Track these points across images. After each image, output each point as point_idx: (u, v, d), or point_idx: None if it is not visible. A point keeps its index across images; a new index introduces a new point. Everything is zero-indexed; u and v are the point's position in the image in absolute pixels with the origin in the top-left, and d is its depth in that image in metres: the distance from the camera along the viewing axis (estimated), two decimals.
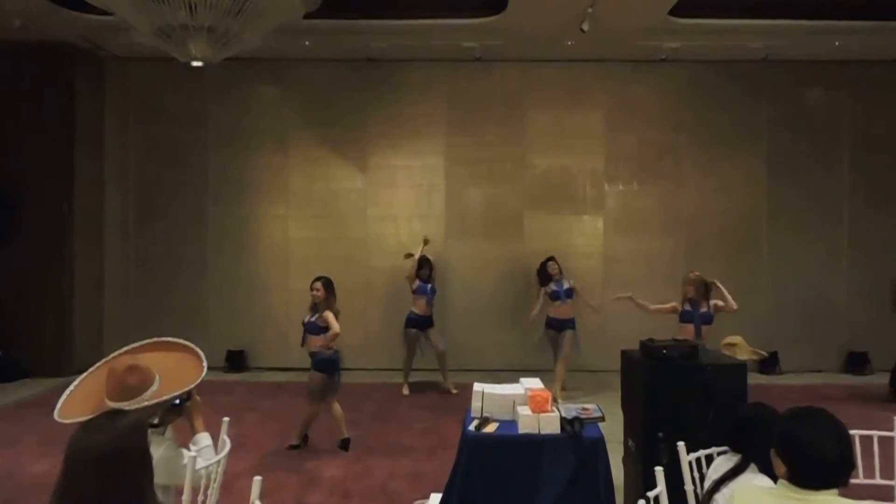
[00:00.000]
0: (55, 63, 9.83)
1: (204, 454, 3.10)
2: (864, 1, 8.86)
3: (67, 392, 3.01)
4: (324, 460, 6.42)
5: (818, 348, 10.36)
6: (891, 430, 3.67)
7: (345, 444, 6.69)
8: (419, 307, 8.97)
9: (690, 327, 7.00)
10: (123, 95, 10.65)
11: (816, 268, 10.46)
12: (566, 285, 8.73)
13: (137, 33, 7.43)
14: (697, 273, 7.36)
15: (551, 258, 8.93)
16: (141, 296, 10.60)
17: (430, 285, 9.00)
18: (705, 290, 7.13)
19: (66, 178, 9.91)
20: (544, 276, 8.84)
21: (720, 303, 7.06)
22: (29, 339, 9.74)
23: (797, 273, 10.42)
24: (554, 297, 8.71)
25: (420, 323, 8.98)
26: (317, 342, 6.51)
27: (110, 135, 10.64)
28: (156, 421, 2.95)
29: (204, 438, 3.14)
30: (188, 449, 3.08)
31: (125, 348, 3.27)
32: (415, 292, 8.97)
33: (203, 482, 3.12)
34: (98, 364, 3.16)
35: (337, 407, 6.67)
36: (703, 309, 7.07)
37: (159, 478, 2.76)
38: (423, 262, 9.03)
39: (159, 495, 2.73)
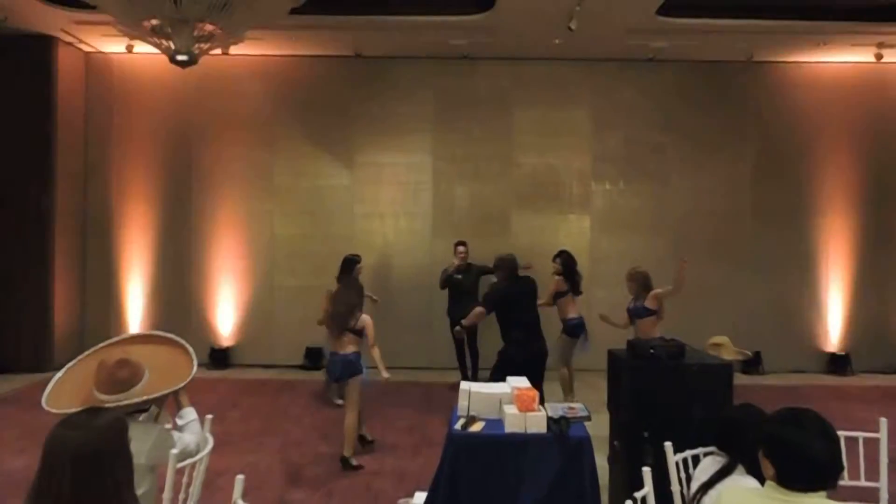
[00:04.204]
0: (37, 57, 9.70)
1: (190, 427, 3.19)
2: (848, 3, 8.92)
3: (55, 380, 3.01)
4: (307, 458, 6.39)
5: (800, 349, 10.42)
6: (875, 431, 3.67)
7: None
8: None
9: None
10: (106, 90, 10.53)
11: (800, 268, 10.51)
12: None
13: (121, 27, 7.35)
14: (633, 267, 7.33)
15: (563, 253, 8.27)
16: (122, 292, 10.49)
17: None
18: (643, 283, 7.09)
19: (48, 172, 9.78)
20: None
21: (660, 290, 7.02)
22: (8, 336, 9.63)
23: (780, 274, 10.47)
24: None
25: None
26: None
27: (92, 129, 10.52)
28: (151, 408, 3.03)
29: (190, 413, 3.22)
30: (175, 423, 3.19)
31: (116, 338, 3.26)
32: None
33: (185, 477, 3.10)
34: (88, 352, 3.17)
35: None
36: (637, 303, 7.10)
37: (149, 460, 2.81)
38: None
39: (146, 477, 2.76)
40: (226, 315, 10.47)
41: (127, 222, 10.54)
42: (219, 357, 10.27)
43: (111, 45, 10.04)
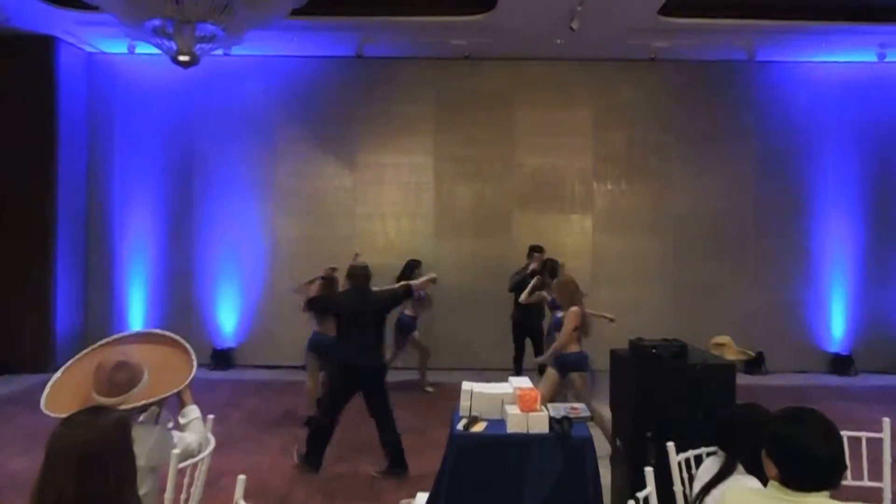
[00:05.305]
0: (39, 57, 9.71)
1: (193, 426, 3.17)
2: (850, 2, 8.91)
3: (53, 381, 2.97)
4: None
5: (803, 349, 10.40)
6: (878, 431, 3.67)
7: None
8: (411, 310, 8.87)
9: None
10: (108, 91, 10.53)
11: (801, 268, 10.50)
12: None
13: (123, 28, 7.35)
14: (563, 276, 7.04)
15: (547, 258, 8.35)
16: (124, 293, 10.50)
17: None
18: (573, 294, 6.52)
19: (50, 174, 9.79)
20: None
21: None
22: (10, 336, 9.64)
23: (782, 273, 10.46)
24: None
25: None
26: None
27: (94, 130, 10.53)
28: (151, 408, 3.00)
29: (193, 411, 3.20)
30: (178, 420, 3.16)
31: (114, 337, 3.23)
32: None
33: (186, 477, 3.09)
34: (86, 351, 3.12)
35: None
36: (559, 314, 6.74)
37: (150, 461, 2.79)
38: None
39: (146, 478, 2.74)
40: (228, 316, 10.47)
41: (129, 223, 10.55)
42: (221, 358, 10.27)
43: (113, 46, 10.05)
